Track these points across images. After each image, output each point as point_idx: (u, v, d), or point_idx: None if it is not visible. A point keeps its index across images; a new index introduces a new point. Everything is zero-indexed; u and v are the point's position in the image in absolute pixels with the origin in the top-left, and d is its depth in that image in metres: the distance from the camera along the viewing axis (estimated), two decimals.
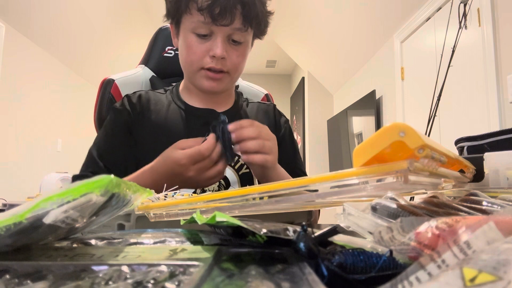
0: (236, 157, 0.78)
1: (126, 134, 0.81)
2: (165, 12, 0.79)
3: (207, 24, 0.72)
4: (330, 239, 0.24)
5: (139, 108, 0.83)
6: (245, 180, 0.83)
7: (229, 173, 0.81)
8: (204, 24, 0.72)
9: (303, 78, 4.95)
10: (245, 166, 0.83)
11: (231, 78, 0.80)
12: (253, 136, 0.62)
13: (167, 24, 0.87)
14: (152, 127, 0.82)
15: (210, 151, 0.60)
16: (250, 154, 0.62)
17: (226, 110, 0.87)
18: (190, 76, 0.81)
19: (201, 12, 0.71)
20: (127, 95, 0.86)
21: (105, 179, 0.23)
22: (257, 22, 0.76)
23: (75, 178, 0.77)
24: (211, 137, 0.61)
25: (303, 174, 0.91)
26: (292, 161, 0.89)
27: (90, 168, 0.77)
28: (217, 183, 0.80)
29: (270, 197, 0.30)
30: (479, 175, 0.44)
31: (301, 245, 0.21)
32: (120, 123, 0.82)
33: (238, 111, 0.90)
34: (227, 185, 0.81)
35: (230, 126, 0.62)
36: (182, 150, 0.61)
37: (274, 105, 0.98)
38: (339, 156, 4.09)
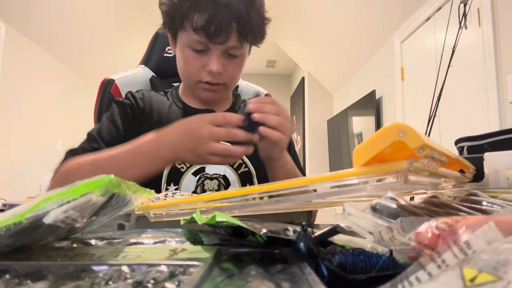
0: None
1: (128, 122, 0.81)
2: (162, 23, 0.79)
3: (203, 42, 0.72)
4: (330, 239, 0.24)
5: (142, 104, 0.84)
6: (245, 179, 0.83)
7: (229, 172, 0.82)
8: (200, 42, 0.73)
9: (303, 78, 4.95)
10: (244, 165, 0.83)
11: (228, 88, 0.82)
12: (274, 112, 0.62)
13: None
14: (153, 126, 0.82)
15: (234, 119, 0.60)
16: (268, 128, 0.62)
17: (225, 111, 0.88)
18: (189, 86, 0.84)
19: (196, 31, 0.71)
20: (130, 92, 0.86)
21: (105, 179, 0.23)
22: (253, 35, 0.76)
23: (70, 152, 0.73)
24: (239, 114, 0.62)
25: (301, 172, 0.91)
26: None
27: (91, 143, 0.74)
28: (217, 183, 0.81)
29: (270, 197, 0.30)
30: (479, 175, 0.44)
31: (301, 245, 0.21)
32: (124, 112, 0.81)
33: (236, 111, 0.90)
34: (227, 184, 0.82)
35: (252, 100, 0.62)
36: None
37: None
38: (339, 156, 4.09)
